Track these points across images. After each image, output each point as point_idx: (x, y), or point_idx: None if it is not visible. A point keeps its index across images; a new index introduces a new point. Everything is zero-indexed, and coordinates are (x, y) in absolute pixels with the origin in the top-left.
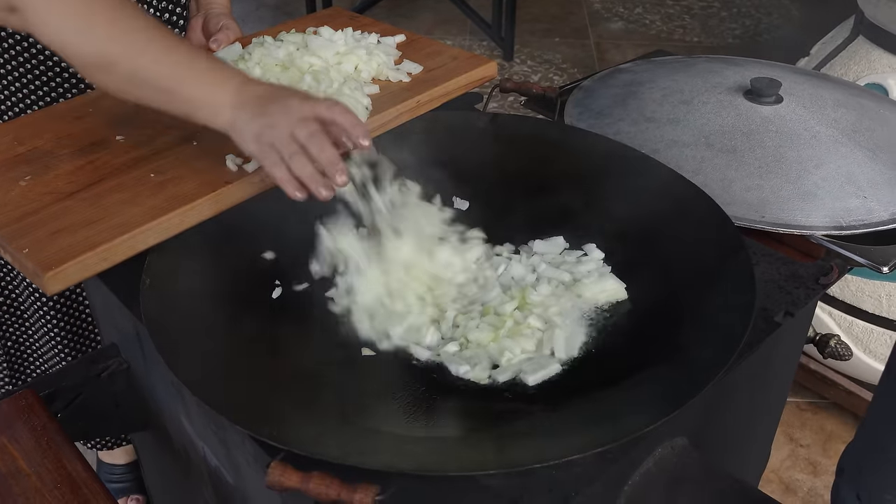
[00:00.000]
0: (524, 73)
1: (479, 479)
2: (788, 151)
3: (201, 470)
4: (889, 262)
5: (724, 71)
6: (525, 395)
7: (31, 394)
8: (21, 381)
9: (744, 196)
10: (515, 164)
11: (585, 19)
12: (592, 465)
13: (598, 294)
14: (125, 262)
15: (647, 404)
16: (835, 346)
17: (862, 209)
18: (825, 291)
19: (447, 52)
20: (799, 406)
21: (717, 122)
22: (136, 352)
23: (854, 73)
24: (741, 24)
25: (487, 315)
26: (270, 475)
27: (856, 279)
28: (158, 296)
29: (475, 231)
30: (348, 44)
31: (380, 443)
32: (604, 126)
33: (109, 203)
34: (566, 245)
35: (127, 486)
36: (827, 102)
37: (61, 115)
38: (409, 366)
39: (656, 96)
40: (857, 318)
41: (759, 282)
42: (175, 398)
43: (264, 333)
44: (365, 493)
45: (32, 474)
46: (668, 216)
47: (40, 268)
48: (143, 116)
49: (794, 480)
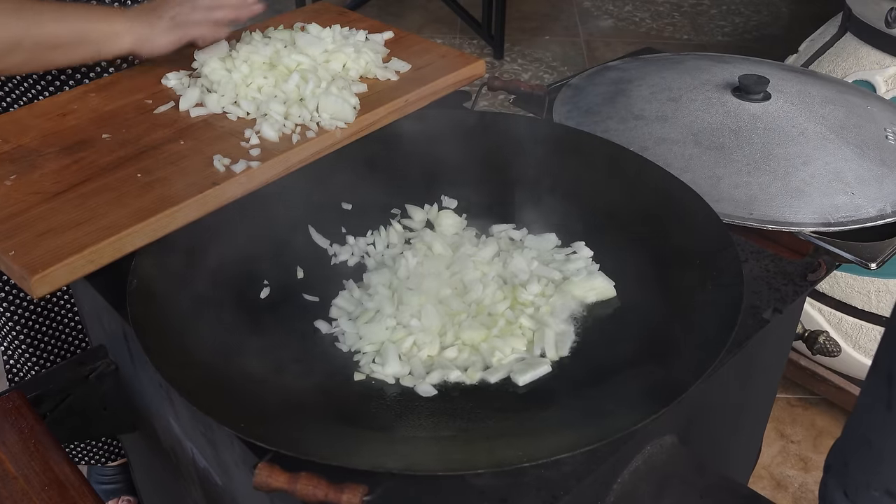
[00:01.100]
0: (514, 72)
1: (467, 479)
2: (776, 148)
3: (190, 471)
4: (877, 258)
5: (712, 68)
6: (515, 395)
7: (18, 395)
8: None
9: (732, 193)
10: (504, 163)
11: (575, 17)
12: (581, 463)
13: (588, 292)
14: (112, 264)
15: (635, 402)
16: (823, 343)
17: (850, 205)
18: (813, 288)
19: (436, 50)
20: (790, 402)
21: (706, 119)
22: (123, 353)
23: (842, 70)
24: (731, 21)
25: (480, 315)
26: (258, 476)
27: (845, 275)
28: (146, 297)
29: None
30: (336, 41)
31: (367, 443)
32: (592, 124)
33: (96, 204)
34: (558, 242)
35: (118, 488)
36: (815, 99)
37: (45, 113)
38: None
39: (645, 94)
40: (846, 315)
41: (748, 279)
42: (163, 399)
43: (252, 334)
44: (353, 493)
45: (20, 477)
46: (656, 213)
47: (27, 271)
48: (128, 114)
49: (785, 476)
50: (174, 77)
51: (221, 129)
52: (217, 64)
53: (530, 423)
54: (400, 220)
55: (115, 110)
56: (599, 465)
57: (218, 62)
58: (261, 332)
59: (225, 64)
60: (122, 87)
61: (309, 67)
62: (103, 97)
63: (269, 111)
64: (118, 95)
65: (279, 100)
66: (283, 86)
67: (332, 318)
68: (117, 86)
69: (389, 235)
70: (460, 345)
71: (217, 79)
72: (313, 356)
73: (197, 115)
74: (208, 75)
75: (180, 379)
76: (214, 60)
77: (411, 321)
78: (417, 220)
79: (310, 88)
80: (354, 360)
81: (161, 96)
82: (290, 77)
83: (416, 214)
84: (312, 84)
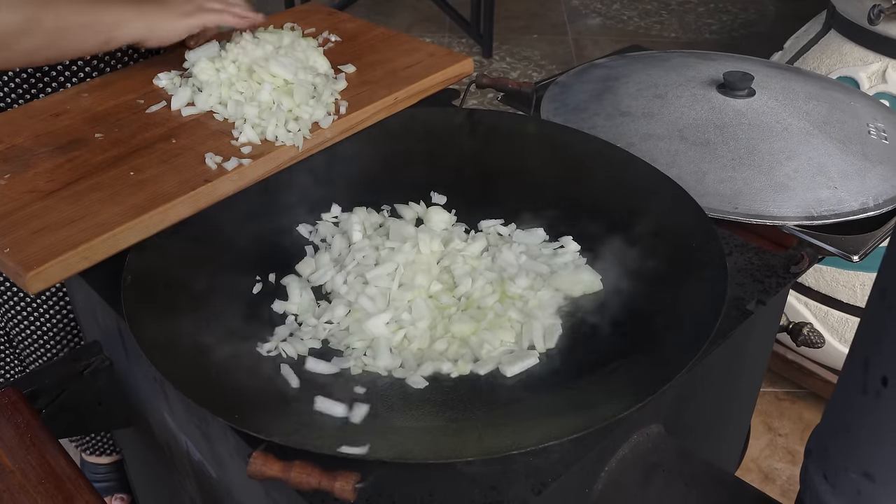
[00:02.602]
0: (503, 70)
1: (457, 467)
2: (761, 144)
3: (184, 464)
4: (859, 250)
5: (698, 65)
6: (504, 386)
7: (13, 391)
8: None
9: (717, 188)
10: (492, 159)
11: (564, 16)
12: (569, 451)
13: (575, 285)
14: (106, 260)
15: (621, 392)
16: (807, 334)
17: (833, 199)
18: (796, 280)
19: (424, 48)
20: (777, 396)
21: (691, 115)
22: (118, 348)
23: (826, 67)
24: (718, 19)
25: (470, 308)
26: (252, 465)
27: (830, 270)
28: (139, 292)
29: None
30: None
31: (359, 432)
32: (580, 121)
33: (89, 202)
34: (546, 236)
35: (111, 486)
36: (798, 95)
37: (39, 113)
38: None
39: (631, 91)
40: (832, 308)
41: (732, 271)
42: (158, 394)
43: (245, 328)
44: (345, 480)
45: (17, 471)
46: (643, 208)
47: (22, 267)
48: (121, 114)
49: (773, 469)
50: (165, 77)
51: (213, 128)
52: (206, 64)
53: (519, 413)
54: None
55: (108, 110)
56: (586, 453)
57: (207, 62)
58: (253, 325)
59: (214, 64)
60: (115, 88)
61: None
62: (96, 97)
63: (247, 115)
64: (110, 95)
65: (254, 104)
66: (259, 94)
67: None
68: (110, 86)
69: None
70: (450, 338)
71: (206, 78)
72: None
73: (188, 114)
74: (197, 75)
75: (175, 372)
76: (204, 60)
77: (402, 315)
78: (407, 218)
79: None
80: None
81: (153, 96)
82: (264, 87)
83: (405, 212)
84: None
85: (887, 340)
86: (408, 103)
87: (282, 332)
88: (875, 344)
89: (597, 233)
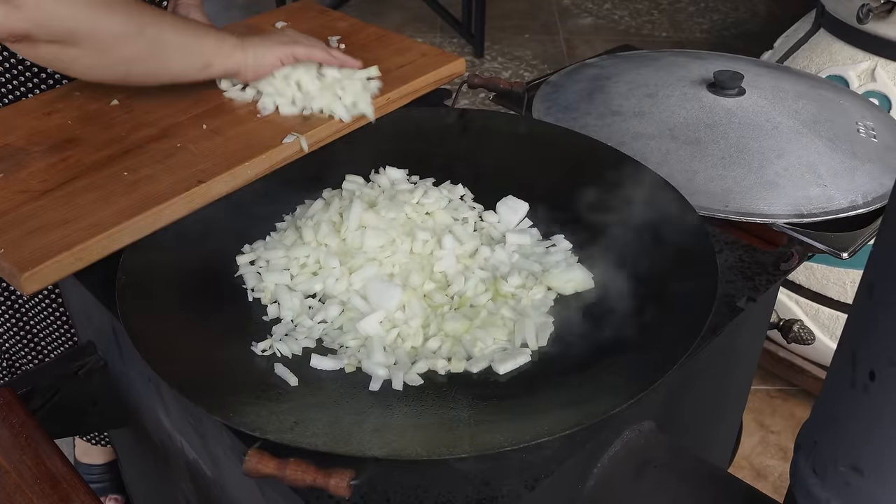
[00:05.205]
0: (495, 70)
1: (451, 464)
2: (751, 142)
3: (179, 464)
4: (848, 248)
5: (688, 64)
6: (496, 383)
7: (8, 392)
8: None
9: (708, 186)
10: (484, 159)
11: (555, 16)
12: (562, 448)
13: (567, 284)
14: (100, 261)
15: (613, 388)
16: (798, 331)
17: (822, 197)
18: (787, 277)
19: (416, 48)
20: (769, 393)
21: (682, 114)
22: (112, 349)
23: (816, 66)
24: (709, 18)
25: (462, 307)
26: (247, 463)
27: (821, 267)
28: (134, 293)
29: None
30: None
31: (354, 430)
32: (571, 120)
33: (83, 202)
34: (538, 235)
35: (105, 486)
36: (788, 94)
37: (31, 111)
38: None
39: (622, 90)
40: (822, 306)
41: (723, 269)
42: (152, 393)
43: (239, 327)
44: (340, 478)
45: (12, 471)
46: (634, 207)
47: (17, 268)
48: (114, 113)
49: (766, 466)
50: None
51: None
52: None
53: (512, 410)
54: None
55: (101, 109)
56: (579, 450)
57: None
58: (248, 324)
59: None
60: (108, 86)
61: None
62: (88, 96)
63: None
64: (103, 94)
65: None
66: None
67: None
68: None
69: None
70: (443, 336)
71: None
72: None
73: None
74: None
75: (170, 372)
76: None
77: (396, 314)
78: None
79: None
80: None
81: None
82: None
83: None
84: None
85: (875, 335)
86: (400, 104)
87: (277, 331)
88: (863, 339)
89: (588, 231)
